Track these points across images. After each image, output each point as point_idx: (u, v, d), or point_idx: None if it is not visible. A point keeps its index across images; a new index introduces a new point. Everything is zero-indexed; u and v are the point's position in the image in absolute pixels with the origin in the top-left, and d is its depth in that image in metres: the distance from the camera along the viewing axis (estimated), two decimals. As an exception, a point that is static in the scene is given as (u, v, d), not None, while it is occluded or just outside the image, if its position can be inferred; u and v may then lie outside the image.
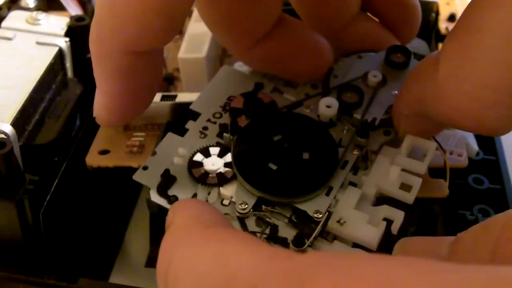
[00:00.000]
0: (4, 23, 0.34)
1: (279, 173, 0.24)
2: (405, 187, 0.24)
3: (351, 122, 0.27)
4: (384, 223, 0.23)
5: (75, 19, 0.34)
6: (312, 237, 0.23)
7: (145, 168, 0.25)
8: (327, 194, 0.24)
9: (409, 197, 0.24)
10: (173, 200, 0.24)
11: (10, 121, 0.28)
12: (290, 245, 0.23)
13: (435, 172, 0.28)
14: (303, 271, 0.15)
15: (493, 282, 0.12)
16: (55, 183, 0.29)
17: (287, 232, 0.23)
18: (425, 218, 0.28)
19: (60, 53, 0.33)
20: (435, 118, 0.23)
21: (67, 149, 0.31)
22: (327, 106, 0.27)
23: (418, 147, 0.26)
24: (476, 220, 0.31)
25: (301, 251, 0.22)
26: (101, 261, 0.33)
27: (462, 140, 0.31)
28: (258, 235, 0.23)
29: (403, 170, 0.25)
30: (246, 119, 0.27)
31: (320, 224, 0.23)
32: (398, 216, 0.23)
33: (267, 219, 0.24)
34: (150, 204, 0.25)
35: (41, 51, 0.32)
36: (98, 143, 0.32)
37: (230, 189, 0.24)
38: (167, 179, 0.25)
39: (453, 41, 0.21)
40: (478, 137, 0.33)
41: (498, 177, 0.33)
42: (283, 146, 0.25)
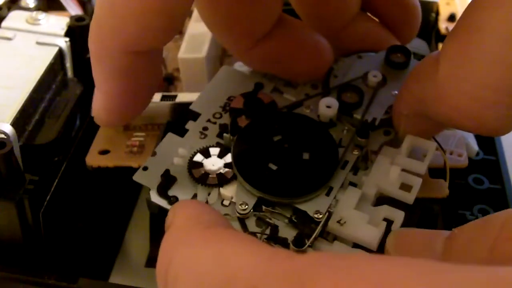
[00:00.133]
0: (4, 23, 0.34)
1: (279, 174, 0.24)
2: (405, 187, 0.24)
3: (351, 122, 0.27)
4: (384, 223, 0.23)
5: (75, 19, 0.34)
6: (312, 238, 0.23)
7: (145, 169, 0.25)
8: (327, 194, 0.24)
9: (409, 197, 0.24)
10: (173, 201, 0.24)
11: (10, 121, 0.28)
12: (290, 246, 0.23)
13: (435, 172, 0.28)
14: (303, 272, 0.15)
15: (493, 283, 0.12)
16: (55, 183, 0.29)
17: (287, 233, 0.23)
18: (425, 218, 0.28)
19: (60, 53, 0.33)
20: (435, 118, 0.23)
21: (67, 149, 0.31)
22: (327, 106, 0.27)
23: (418, 147, 0.26)
24: (476, 220, 0.31)
25: (301, 252, 0.22)
26: (101, 261, 0.33)
27: (462, 140, 0.31)
28: (258, 236, 0.23)
29: (403, 170, 0.25)
30: (246, 119, 0.27)
31: (320, 225, 0.23)
32: (398, 216, 0.23)
33: (267, 220, 0.24)
34: (150, 205, 0.25)
35: (41, 51, 0.32)
36: (98, 143, 0.32)
37: (230, 190, 0.24)
38: (167, 180, 0.25)
39: (453, 41, 0.21)
40: (478, 137, 0.33)
41: (498, 177, 0.33)
42: (283, 146, 0.25)
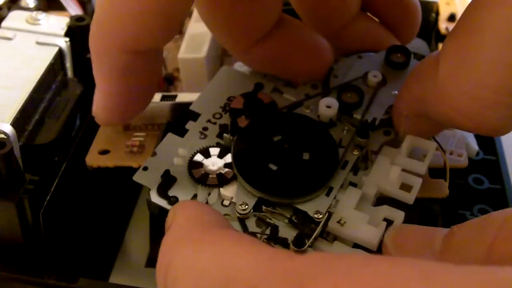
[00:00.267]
0: (4, 23, 0.34)
1: (279, 174, 0.24)
2: (405, 187, 0.24)
3: (351, 122, 0.27)
4: (385, 223, 0.23)
5: (75, 19, 0.34)
6: (313, 238, 0.23)
7: (145, 169, 0.25)
8: (327, 195, 0.24)
9: (409, 197, 0.24)
10: (173, 201, 0.24)
11: (10, 121, 0.28)
12: (291, 246, 0.23)
13: (435, 172, 0.28)
14: (303, 272, 0.15)
15: (494, 283, 0.12)
16: (55, 183, 0.29)
17: (288, 233, 0.23)
18: (425, 218, 0.28)
19: (60, 53, 0.33)
20: (435, 118, 0.23)
21: (67, 149, 0.31)
22: (327, 106, 0.27)
23: (418, 147, 0.26)
24: (476, 220, 0.31)
25: (301, 252, 0.22)
26: (101, 261, 0.33)
27: (462, 140, 0.31)
28: (259, 236, 0.23)
29: (403, 170, 0.25)
30: (246, 120, 0.27)
31: (321, 225, 0.23)
32: (398, 216, 0.23)
33: (268, 220, 0.24)
34: (150, 205, 0.25)
35: (41, 51, 0.32)
36: (98, 143, 0.32)
37: (230, 190, 0.24)
38: (167, 180, 0.25)
39: (453, 41, 0.21)
40: (478, 137, 0.33)
41: (498, 177, 0.33)
42: (283, 147, 0.25)
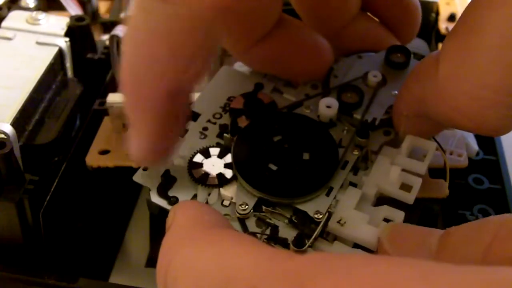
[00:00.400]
0: (4, 23, 0.34)
1: (279, 174, 0.24)
2: (405, 187, 0.24)
3: (351, 122, 0.27)
4: (385, 224, 0.23)
5: (75, 19, 0.34)
6: (313, 238, 0.23)
7: (145, 169, 0.25)
8: (327, 195, 0.24)
9: (409, 197, 0.24)
10: (173, 201, 0.24)
11: (10, 121, 0.28)
12: (291, 246, 0.23)
13: (435, 172, 0.28)
14: (303, 272, 0.15)
15: (494, 283, 0.12)
16: (55, 183, 0.29)
17: (288, 233, 0.23)
18: (425, 218, 0.28)
19: (60, 53, 0.33)
20: (435, 118, 0.23)
21: (67, 149, 0.31)
22: (327, 106, 0.27)
23: (418, 147, 0.26)
24: (476, 220, 0.31)
25: (302, 252, 0.22)
26: (101, 261, 0.33)
27: (462, 140, 0.31)
28: (259, 236, 0.23)
29: (403, 170, 0.25)
30: (246, 120, 0.27)
31: (321, 225, 0.23)
32: (398, 216, 0.23)
33: (268, 220, 0.24)
34: (150, 205, 0.25)
35: (41, 51, 0.32)
36: (98, 143, 0.32)
37: (230, 190, 0.24)
38: (167, 180, 0.25)
39: (453, 41, 0.21)
40: (478, 137, 0.33)
41: (498, 177, 0.33)
42: (283, 147, 0.25)
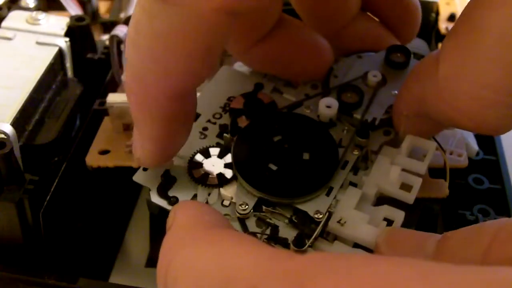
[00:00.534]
0: (4, 23, 0.34)
1: (279, 174, 0.24)
2: (405, 187, 0.24)
3: (351, 122, 0.27)
4: (385, 223, 0.23)
5: (75, 19, 0.34)
6: (313, 238, 0.23)
7: (145, 169, 0.25)
8: (328, 195, 0.24)
9: (409, 197, 0.24)
10: (173, 201, 0.24)
11: (10, 121, 0.28)
12: (291, 246, 0.23)
13: (435, 172, 0.28)
14: (303, 272, 0.15)
15: (494, 283, 0.12)
16: (55, 183, 0.29)
17: (288, 233, 0.23)
18: (425, 218, 0.28)
19: (60, 53, 0.33)
20: (435, 118, 0.23)
21: (67, 149, 0.31)
22: (327, 106, 0.27)
23: (418, 147, 0.26)
24: (476, 220, 0.31)
25: (302, 252, 0.22)
26: (101, 261, 0.33)
27: (462, 140, 0.31)
28: (259, 236, 0.23)
29: (403, 170, 0.25)
30: (246, 120, 0.27)
31: (321, 225, 0.23)
32: (399, 216, 0.23)
33: (268, 220, 0.24)
34: (151, 205, 0.25)
35: (41, 51, 0.32)
36: (98, 143, 0.32)
37: (230, 190, 0.24)
38: (167, 180, 0.25)
39: (453, 41, 0.21)
40: (478, 137, 0.33)
41: (498, 177, 0.33)
42: (283, 147, 0.25)
